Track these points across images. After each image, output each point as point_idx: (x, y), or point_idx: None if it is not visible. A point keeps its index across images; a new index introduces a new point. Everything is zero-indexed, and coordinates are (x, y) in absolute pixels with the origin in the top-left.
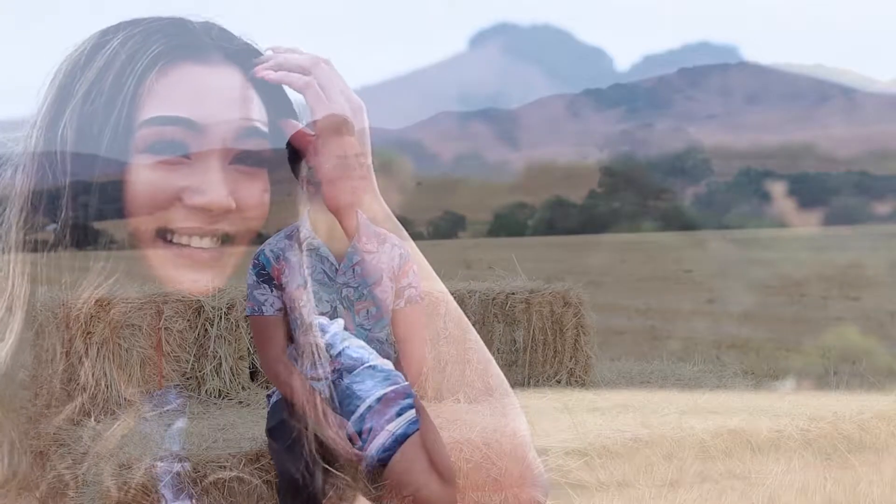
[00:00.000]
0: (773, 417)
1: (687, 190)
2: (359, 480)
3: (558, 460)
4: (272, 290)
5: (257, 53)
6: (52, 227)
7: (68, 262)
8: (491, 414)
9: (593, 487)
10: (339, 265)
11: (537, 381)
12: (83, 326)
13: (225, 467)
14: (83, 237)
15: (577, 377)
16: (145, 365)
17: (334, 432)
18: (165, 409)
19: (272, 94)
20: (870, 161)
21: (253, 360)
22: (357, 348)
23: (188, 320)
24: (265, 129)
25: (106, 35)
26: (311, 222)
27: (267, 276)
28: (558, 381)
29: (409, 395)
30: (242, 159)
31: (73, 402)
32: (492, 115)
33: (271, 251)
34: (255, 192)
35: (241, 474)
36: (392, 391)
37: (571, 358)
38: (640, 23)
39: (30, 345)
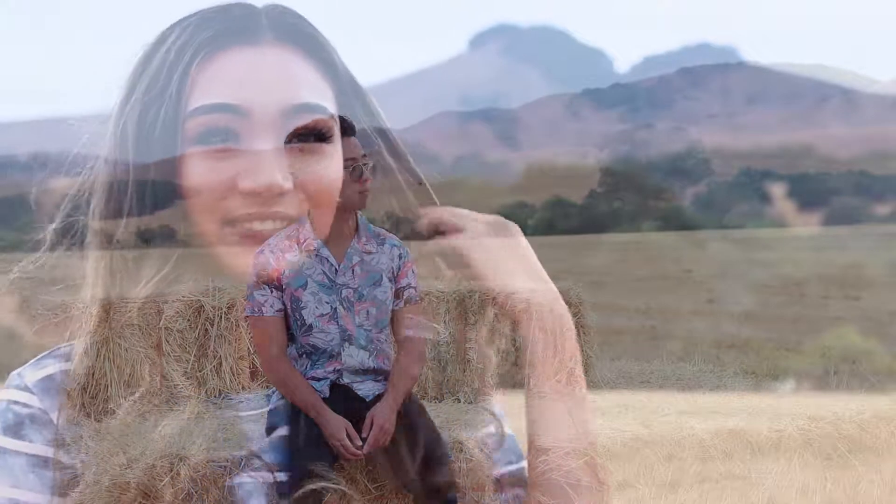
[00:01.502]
0: (773, 417)
1: (687, 190)
2: (359, 481)
3: (558, 460)
4: (272, 291)
5: (313, 32)
6: (51, 226)
7: (134, 260)
8: (490, 414)
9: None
10: (339, 266)
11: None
12: (157, 324)
13: (317, 477)
14: (145, 233)
15: None
16: (145, 365)
17: (335, 432)
18: (261, 410)
19: (336, 72)
20: (870, 161)
21: (253, 359)
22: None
23: (188, 320)
24: (323, 104)
25: (167, 30)
26: (311, 222)
27: (267, 276)
28: (558, 381)
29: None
30: (300, 137)
31: (155, 402)
32: (492, 116)
33: (271, 251)
34: (316, 169)
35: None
36: None
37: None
38: (640, 23)
39: (88, 346)
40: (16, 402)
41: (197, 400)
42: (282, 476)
